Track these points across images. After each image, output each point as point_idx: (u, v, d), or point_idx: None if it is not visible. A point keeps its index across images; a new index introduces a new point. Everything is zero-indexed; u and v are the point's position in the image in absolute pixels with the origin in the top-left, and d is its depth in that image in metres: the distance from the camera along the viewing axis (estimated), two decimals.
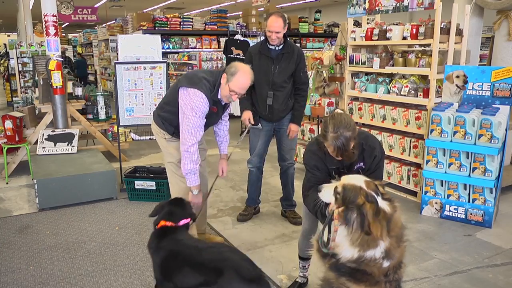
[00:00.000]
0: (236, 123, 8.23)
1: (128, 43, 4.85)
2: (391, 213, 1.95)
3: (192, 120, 2.84)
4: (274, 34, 3.58)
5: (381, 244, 1.91)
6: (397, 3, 4.45)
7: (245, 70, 2.84)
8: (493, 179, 3.77)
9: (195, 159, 2.89)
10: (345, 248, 1.96)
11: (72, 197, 4.41)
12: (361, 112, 4.98)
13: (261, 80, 3.71)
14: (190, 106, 2.83)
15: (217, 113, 3.06)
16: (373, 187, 2.00)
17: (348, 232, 1.95)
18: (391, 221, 1.94)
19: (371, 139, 2.52)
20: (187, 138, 2.86)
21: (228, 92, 2.86)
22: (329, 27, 11.49)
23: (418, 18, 4.62)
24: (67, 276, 3.09)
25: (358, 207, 1.93)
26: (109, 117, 6.26)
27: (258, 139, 3.88)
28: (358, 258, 1.94)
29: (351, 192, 1.98)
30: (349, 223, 1.94)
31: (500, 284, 2.98)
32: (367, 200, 1.93)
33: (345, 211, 1.97)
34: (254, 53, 3.78)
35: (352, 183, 2.00)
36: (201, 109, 2.84)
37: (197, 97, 2.82)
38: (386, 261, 1.94)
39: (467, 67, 4.16)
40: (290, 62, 3.70)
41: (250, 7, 10.61)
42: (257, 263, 3.18)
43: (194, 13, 17.64)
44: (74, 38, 20.32)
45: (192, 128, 2.85)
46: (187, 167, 2.90)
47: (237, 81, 2.81)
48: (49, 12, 5.36)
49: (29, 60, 9.71)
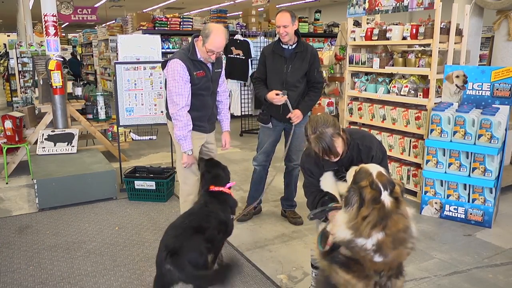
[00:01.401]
0: (236, 123, 8.23)
1: (128, 43, 4.85)
2: (391, 210, 1.93)
3: (174, 86, 2.98)
4: (282, 29, 3.56)
5: (373, 235, 1.90)
6: (397, 3, 4.45)
7: (218, 29, 2.98)
8: (493, 179, 3.77)
9: (183, 124, 3.04)
10: (341, 229, 1.97)
11: (72, 197, 4.41)
12: (361, 112, 4.98)
13: (274, 79, 3.71)
14: (170, 74, 3.00)
15: (207, 77, 3.14)
16: (384, 180, 1.98)
17: (347, 213, 1.97)
18: (388, 218, 1.92)
19: (367, 139, 2.48)
20: (173, 104, 3.01)
21: (206, 54, 3.02)
22: (329, 27, 11.49)
23: (418, 18, 4.62)
24: (67, 276, 3.09)
25: (360, 189, 1.95)
26: (109, 117, 6.26)
27: (267, 138, 3.87)
28: (350, 241, 1.94)
29: (361, 174, 2.02)
30: (348, 204, 1.97)
31: (500, 284, 2.98)
32: (370, 186, 1.94)
33: (349, 190, 2.01)
34: (268, 52, 3.77)
35: (366, 168, 2.05)
36: (179, 73, 2.97)
37: (174, 63, 2.99)
38: (377, 255, 1.92)
39: (467, 67, 4.16)
40: (304, 62, 3.69)
41: (250, 7, 10.60)
42: (257, 263, 3.20)
43: (194, 13, 17.64)
44: (74, 38, 20.33)
45: (175, 93, 2.99)
46: (177, 133, 3.06)
47: (213, 41, 2.95)
48: (49, 12, 5.36)
49: (29, 60, 9.71)
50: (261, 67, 3.85)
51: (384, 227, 1.90)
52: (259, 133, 3.98)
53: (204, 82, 3.13)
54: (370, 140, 2.48)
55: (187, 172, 3.24)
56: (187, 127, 3.06)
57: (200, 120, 3.22)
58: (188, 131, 3.08)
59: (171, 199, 4.61)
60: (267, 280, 3.01)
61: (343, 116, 5.24)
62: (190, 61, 3.02)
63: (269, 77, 3.78)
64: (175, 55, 3.05)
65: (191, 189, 3.26)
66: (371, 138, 2.52)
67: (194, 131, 3.17)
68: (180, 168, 3.26)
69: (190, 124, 3.09)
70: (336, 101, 5.57)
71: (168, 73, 3.03)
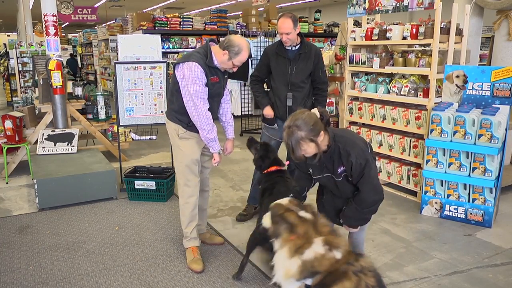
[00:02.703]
0: (236, 123, 8.23)
1: (128, 43, 4.85)
2: (314, 219, 2.21)
3: (195, 89, 2.94)
4: (285, 36, 3.57)
5: (315, 241, 2.06)
6: (397, 3, 4.45)
7: (246, 47, 3.03)
8: (493, 179, 3.77)
9: (211, 127, 3.04)
10: (289, 264, 2.08)
11: (72, 197, 4.41)
12: (361, 112, 4.98)
13: (279, 81, 3.69)
14: (190, 78, 2.93)
15: (220, 83, 3.14)
16: (295, 203, 2.30)
17: (281, 245, 2.15)
18: (316, 224, 2.18)
19: (350, 144, 2.48)
20: (196, 108, 2.97)
21: (231, 66, 3.05)
22: (329, 27, 11.50)
23: (418, 18, 4.61)
24: (67, 276, 3.09)
25: (281, 217, 2.19)
26: (109, 117, 6.26)
27: (271, 139, 3.85)
28: (304, 264, 2.05)
29: (275, 208, 2.28)
30: (279, 234, 2.17)
31: (500, 284, 2.98)
32: (287, 210, 2.20)
33: (273, 226, 2.21)
34: (271, 53, 3.75)
35: (276, 204, 2.34)
36: (198, 76, 2.93)
37: (192, 67, 2.94)
38: (335, 251, 2.06)
39: (467, 67, 4.16)
40: (308, 62, 3.69)
41: (250, 7, 10.61)
42: (257, 263, 3.19)
43: (194, 13, 17.65)
44: (74, 38, 20.32)
45: (197, 97, 2.95)
46: (208, 136, 3.06)
47: (242, 58, 3.02)
48: (49, 12, 5.37)
49: (29, 60, 9.72)
50: (262, 66, 3.83)
51: (318, 231, 2.14)
52: (262, 134, 3.95)
53: (217, 88, 3.12)
54: (353, 145, 2.47)
55: (188, 174, 3.18)
56: (214, 128, 3.07)
57: None
58: (215, 132, 3.09)
59: (171, 199, 4.61)
60: (267, 280, 3.01)
61: (343, 116, 5.25)
62: (206, 66, 2.98)
63: (274, 79, 3.76)
64: (191, 57, 2.97)
65: (193, 191, 3.21)
66: (354, 144, 2.50)
67: (196, 133, 3.13)
68: (181, 170, 3.20)
69: (214, 125, 3.09)
70: (336, 101, 5.57)
71: (186, 76, 2.93)
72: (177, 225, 3.87)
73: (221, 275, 3.09)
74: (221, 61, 3.03)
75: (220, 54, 3.01)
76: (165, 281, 3.01)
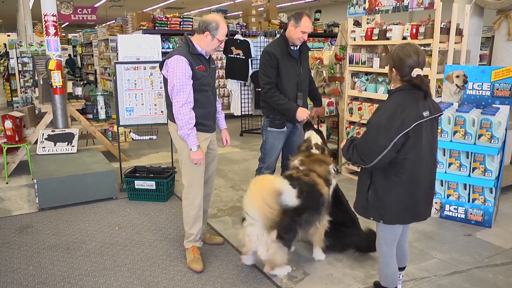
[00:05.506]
0: (236, 123, 8.23)
1: (128, 43, 4.85)
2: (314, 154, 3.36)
3: (176, 81, 2.96)
4: (305, 36, 3.54)
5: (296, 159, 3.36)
6: (397, 3, 4.45)
7: (221, 19, 3.09)
8: (493, 179, 3.77)
9: (186, 120, 2.99)
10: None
11: (72, 197, 4.41)
12: (361, 112, 4.98)
13: (288, 82, 3.61)
14: (172, 70, 2.97)
15: (207, 71, 3.13)
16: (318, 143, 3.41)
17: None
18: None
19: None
20: (177, 99, 2.99)
21: (217, 44, 3.08)
22: (329, 27, 11.50)
23: (418, 18, 4.62)
24: (67, 276, 3.09)
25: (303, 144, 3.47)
26: (109, 117, 6.26)
27: (278, 142, 3.74)
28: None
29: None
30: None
31: (500, 284, 2.98)
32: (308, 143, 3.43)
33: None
34: (279, 55, 3.57)
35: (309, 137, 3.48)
36: (182, 68, 2.96)
37: (176, 59, 2.98)
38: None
39: (467, 67, 4.16)
40: (307, 60, 3.75)
41: (250, 7, 10.61)
42: (258, 264, 3.19)
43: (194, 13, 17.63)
44: (74, 38, 20.33)
45: (176, 90, 2.97)
46: (182, 132, 3.03)
47: (223, 31, 3.05)
48: (49, 12, 5.37)
49: (29, 60, 9.71)
50: (272, 70, 3.58)
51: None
52: (267, 138, 3.76)
53: (205, 78, 3.11)
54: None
55: (194, 175, 3.14)
56: (189, 124, 2.99)
57: (206, 119, 3.15)
58: (191, 128, 3.01)
59: (171, 199, 4.61)
60: (267, 280, 3.01)
61: (343, 116, 5.25)
62: (190, 55, 3.01)
63: (283, 80, 3.61)
64: (174, 52, 3.02)
65: (197, 192, 3.18)
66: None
67: (200, 132, 3.10)
68: (187, 170, 3.15)
69: (193, 121, 3.02)
70: (336, 101, 5.57)
71: (169, 70, 2.99)
72: (177, 225, 3.88)
73: (221, 275, 3.09)
74: (206, 44, 3.05)
75: (201, 39, 3.04)
76: (165, 281, 3.01)
